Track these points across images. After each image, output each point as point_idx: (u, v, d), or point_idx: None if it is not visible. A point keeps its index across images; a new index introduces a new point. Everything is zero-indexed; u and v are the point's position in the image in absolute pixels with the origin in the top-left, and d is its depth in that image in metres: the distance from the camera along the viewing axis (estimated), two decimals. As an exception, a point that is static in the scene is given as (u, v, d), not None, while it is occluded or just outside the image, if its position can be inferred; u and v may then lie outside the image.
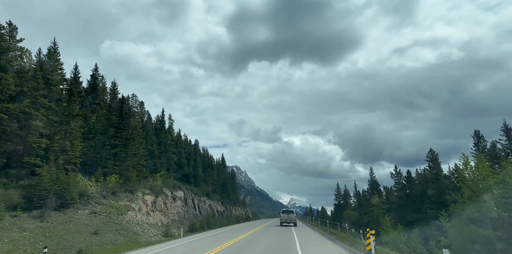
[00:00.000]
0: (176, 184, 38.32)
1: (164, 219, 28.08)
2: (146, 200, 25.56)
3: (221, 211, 56.69)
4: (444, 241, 18.81)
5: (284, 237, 17.50)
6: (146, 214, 23.57)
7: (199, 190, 47.76)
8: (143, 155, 28.02)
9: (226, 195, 67.96)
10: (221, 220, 46.01)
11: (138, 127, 28.78)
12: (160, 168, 35.87)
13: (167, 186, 35.44)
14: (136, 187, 24.33)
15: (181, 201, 37.23)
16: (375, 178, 54.02)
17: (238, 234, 22.00)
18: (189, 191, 42.92)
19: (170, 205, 32.15)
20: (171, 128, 46.78)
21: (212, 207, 51.09)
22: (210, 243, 15.81)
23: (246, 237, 18.04)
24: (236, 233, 23.32)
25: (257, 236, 17.70)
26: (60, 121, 18.42)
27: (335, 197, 71.83)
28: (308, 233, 20.21)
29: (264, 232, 21.74)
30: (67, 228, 14.96)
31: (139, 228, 19.87)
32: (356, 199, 68.63)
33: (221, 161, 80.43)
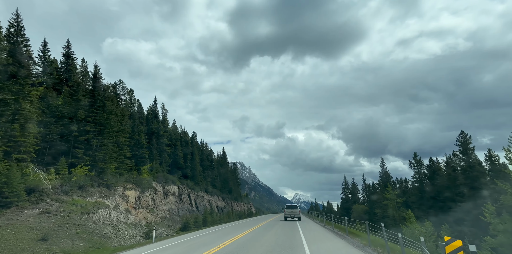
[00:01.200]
0: (169, 178, 34.68)
1: (152, 217, 24.46)
2: (127, 195, 21.87)
3: (222, 207, 53.22)
4: (491, 242, 14.85)
5: (290, 235, 13.72)
6: (126, 212, 19.88)
7: (197, 185, 44.19)
8: (125, 145, 24.27)
9: (227, 190, 64.49)
10: (221, 216, 42.52)
11: (117, 112, 24.96)
12: (149, 160, 32.19)
13: (159, 180, 31.81)
14: (114, 181, 20.61)
15: (174, 196, 33.62)
16: (386, 170, 49.93)
17: (234, 233, 18.38)
18: (185, 186, 39.33)
19: (160, 201, 28.52)
20: (165, 119, 43.01)
21: (211, 203, 47.59)
22: (194, 247, 12.06)
23: (242, 238, 14.30)
24: (233, 231, 19.78)
25: (255, 238, 13.95)
26: (5, 100, 14.62)
27: (342, 191, 67.98)
28: (321, 234, 16.36)
29: (263, 232, 17.97)
30: (0, 234, 11.24)
31: (111, 229, 16.16)
32: (364, 193, 64.78)
33: (222, 155, 76.83)
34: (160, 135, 38.23)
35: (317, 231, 17.93)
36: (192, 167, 45.57)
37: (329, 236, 15.26)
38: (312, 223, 29.32)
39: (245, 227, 24.39)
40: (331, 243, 12.70)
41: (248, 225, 27.73)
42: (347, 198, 67.18)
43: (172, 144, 41.92)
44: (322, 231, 17.93)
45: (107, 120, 20.81)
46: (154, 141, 36.68)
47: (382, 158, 50.25)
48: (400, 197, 40.33)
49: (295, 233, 16.08)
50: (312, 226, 23.34)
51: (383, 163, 50.37)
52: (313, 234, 15.75)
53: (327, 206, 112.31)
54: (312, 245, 11.25)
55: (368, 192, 56.76)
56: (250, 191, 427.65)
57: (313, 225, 23.60)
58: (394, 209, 38.71)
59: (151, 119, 39.33)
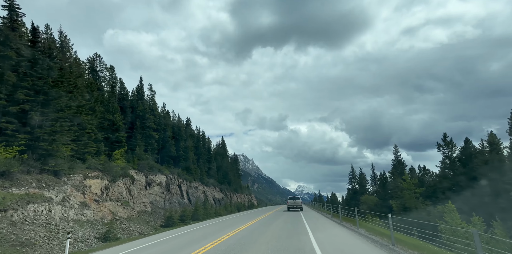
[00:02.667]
0: (154, 166, 29.92)
1: (125, 211, 19.75)
2: (88, 185, 17.08)
3: (219, 199, 48.79)
4: None
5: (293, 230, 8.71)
6: (80, 207, 15.11)
7: (190, 174, 39.54)
8: (88, 123, 19.32)
9: (226, 181, 60.02)
10: (217, 209, 38.05)
11: (77, 82, 19.89)
12: (129, 146, 27.39)
13: (141, 168, 27.07)
14: (66, 167, 15.76)
15: (160, 187, 28.95)
16: (400, 158, 44.75)
17: (224, 230, 13.74)
18: (175, 176, 34.66)
19: (139, 192, 23.81)
20: (153, 101, 37.94)
21: (207, 194, 43.09)
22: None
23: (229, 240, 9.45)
24: (225, 228, 15.37)
25: (245, 240, 9.10)
26: None
27: (349, 181, 63.17)
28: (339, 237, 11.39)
29: (260, 229, 13.11)
30: None
31: (43, 232, 11.38)
32: (373, 183, 59.91)
33: (221, 145, 72.10)
34: (146, 118, 33.29)
35: (334, 232, 13.00)
36: (185, 156, 40.82)
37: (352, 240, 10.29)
38: (320, 216, 24.81)
39: (240, 222, 19.68)
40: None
41: (244, 219, 23.10)
42: (354, 188, 62.42)
43: (161, 130, 37.05)
44: (340, 232, 12.96)
45: (56, 86, 15.76)
46: (138, 125, 31.79)
47: (396, 144, 45.00)
48: (419, 187, 35.34)
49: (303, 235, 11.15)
50: (321, 221, 18.75)
51: (396, 150, 45.14)
52: (328, 237, 10.82)
53: (331, 197, 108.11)
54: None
55: (379, 182, 51.81)
56: (253, 183, 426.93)
57: (323, 220, 18.94)
58: (411, 200, 33.78)
59: (136, 101, 34.32)
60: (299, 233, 11.82)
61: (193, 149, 45.81)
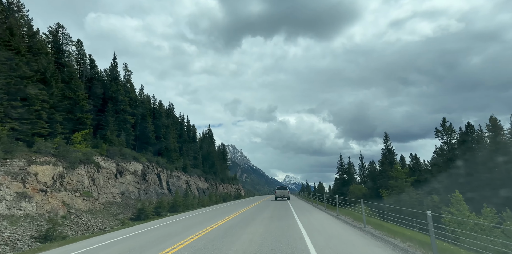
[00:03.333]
0: (128, 153, 26.74)
1: (85, 203, 16.76)
2: (34, 173, 13.92)
3: (204, 189, 46.27)
4: None
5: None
6: (17, 198, 12.05)
7: (172, 163, 36.55)
8: (37, 99, 15.90)
9: (213, 171, 57.41)
10: (201, 199, 35.55)
11: (7, 37, 16.24)
12: (96, 128, 24.07)
13: (111, 155, 23.87)
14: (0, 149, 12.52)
15: (135, 176, 25.92)
16: (390, 146, 43.32)
17: (199, 226, 11.30)
18: (154, 164, 31.63)
19: (106, 181, 20.74)
20: (129, 82, 34.13)
21: (190, 184, 40.39)
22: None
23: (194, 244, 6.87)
24: (203, 221, 12.94)
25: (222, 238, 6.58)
26: None
27: (337, 171, 62.00)
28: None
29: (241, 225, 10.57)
30: None
31: None
32: (361, 173, 58.95)
33: (208, 134, 68.99)
34: (120, 100, 29.71)
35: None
36: (166, 143, 37.67)
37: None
38: (306, 205, 23.38)
39: (222, 214, 17.22)
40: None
41: (229, 210, 20.72)
42: (342, 178, 61.39)
43: (139, 114, 33.56)
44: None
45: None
46: (110, 107, 28.25)
47: (386, 132, 43.42)
48: (410, 176, 33.92)
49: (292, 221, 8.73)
50: (306, 208, 19.29)
51: (386, 138, 43.60)
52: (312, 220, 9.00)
53: (318, 187, 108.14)
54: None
55: (367, 171, 50.60)
56: (241, 174, 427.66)
57: (308, 208, 19.46)
58: (402, 188, 32.34)
59: (109, 81, 30.56)
60: (289, 232, 9.39)
61: (175, 137, 42.64)
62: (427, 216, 6.00)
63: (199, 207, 30.95)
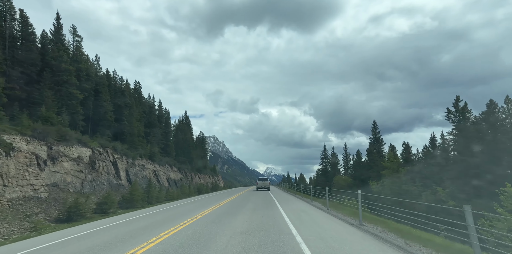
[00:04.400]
0: (70, 134, 20.87)
1: (-27, 200, 11.22)
2: None
3: (176, 180, 41.03)
4: None
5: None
6: None
7: (134, 149, 30.81)
8: None
9: (188, 160, 52.04)
10: (170, 192, 30.49)
11: None
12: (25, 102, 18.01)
13: (41, 135, 17.99)
14: None
15: (77, 163, 20.22)
16: (378, 135, 40.21)
17: (145, 235, 6.20)
18: (109, 150, 25.91)
19: (24, 169, 14.99)
20: (79, 50, 27.49)
21: (158, 174, 35.01)
22: None
23: None
24: (153, 227, 8.25)
25: None
26: None
27: (320, 162, 58.90)
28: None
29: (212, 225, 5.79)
30: None
31: None
32: (345, 164, 56.21)
33: (184, 120, 63.00)
34: (63, 70, 23.40)
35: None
36: (129, 127, 31.75)
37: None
38: (287, 195, 19.69)
39: (191, 211, 12.44)
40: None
41: (201, 205, 16.05)
42: (325, 169, 58.48)
43: (92, 90, 27.33)
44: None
45: None
46: (46, 77, 21.94)
47: (375, 120, 40.16)
48: (403, 167, 30.80)
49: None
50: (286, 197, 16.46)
51: (375, 126, 40.39)
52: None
53: (299, 178, 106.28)
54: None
55: (353, 162, 47.60)
56: (223, 165, 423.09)
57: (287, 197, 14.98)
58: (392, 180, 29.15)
59: (48, 44, 23.99)
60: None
61: (143, 120, 36.71)
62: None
63: (165, 201, 26.00)
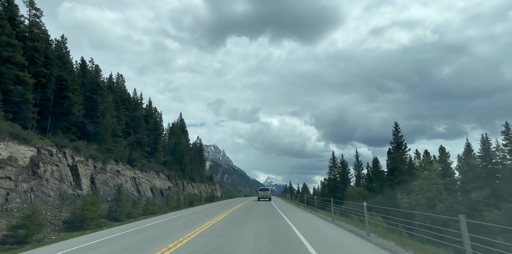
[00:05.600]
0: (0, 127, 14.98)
1: None
2: None
3: (163, 189, 34.66)
4: None
5: None
6: None
7: (108, 152, 24.69)
8: None
9: (180, 166, 45.77)
10: (150, 204, 24.30)
11: None
12: None
13: None
14: None
15: (1, 167, 14.24)
16: (401, 139, 34.03)
17: None
18: (68, 150, 19.92)
19: None
20: (37, 27, 21.94)
21: (139, 182, 28.76)
22: None
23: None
24: None
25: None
26: None
27: (328, 170, 52.36)
28: None
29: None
30: None
31: None
32: (357, 173, 49.71)
33: (179, 123, 57.21)
34: (3, 44, 17.78)
35: None
36: (103, 123, 25.80)
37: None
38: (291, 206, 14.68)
39: (159, 240, 6.31)
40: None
41: (180, 227, 10.04)
42: (334, 179, 51.87)
43: (53, 76, 21.68)
44: None
45: None
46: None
47: (396, 122, 34.10)
48: (440, 177, 24.44)
49: None
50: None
51: (397, 129, 34.28)
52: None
53: (303, 188, 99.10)
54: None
55: (374, 170, 41.11)
56: (223, 174, 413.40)
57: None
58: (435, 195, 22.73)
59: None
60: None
61: (124, 118, 30.85)
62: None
63: (142, 217, 19.95)
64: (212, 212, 18.64)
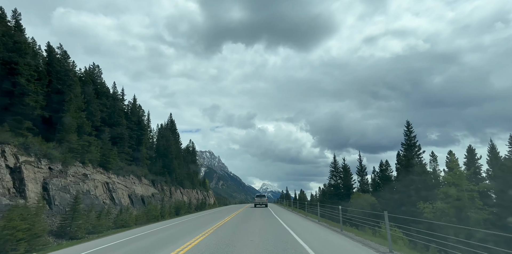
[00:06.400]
0: None
1: None
2: None
3: (146, 196, 29.97)
4: None
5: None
6: None
7: (71, 152, 20.15)
8: None
9: (167, 171, 41.13)
10: (121, 216, 19.83)
11: None
12: None
13: None
14: None
15: None
16: (414, 140, 30.22)
17: None
18: (7, 148, 15.49)
19: None
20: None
21: (114, 188, 24.16)
22: None
23: None
24: None
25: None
26: None
27: (330, 175, 48.17)
28: None
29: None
30: None
31: None
32: (360, 178, 45.69)
33: (169, 123, 52.80)
34: None
35: None
36: (66, 116, 21.34)
37: None
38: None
39: None
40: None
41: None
42: (335, 184, 47.67)
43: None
44: None
45: None
46: None
47: (408, 121, 30.35)
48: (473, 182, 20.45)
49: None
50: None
51: (409, 129, 30.51)
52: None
53: (300, 195, 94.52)
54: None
55: (382, 175, 37.10)
56: (218, 180, 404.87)
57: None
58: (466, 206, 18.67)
59: None
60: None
61: (97, 113, 26.44)
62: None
63: (108, 232, 15.56)
64: (202, 224, 14.38)
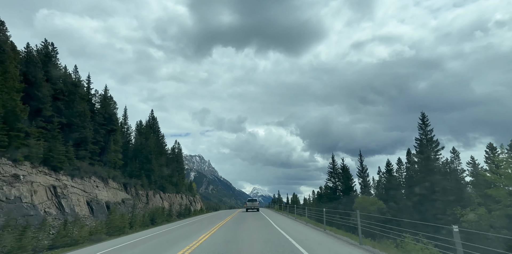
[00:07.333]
0: None
1: None
2: None
3: (115, 202, 24.31)
4: None
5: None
6: None
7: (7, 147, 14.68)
8: None
9: (147, 173, 35.46)
10: (68, 230, 14.14)
11: None
12: None
13: None
14: None
15: None
16: (431, 135, 26.09)
17: None
18: None
19: None
20: None
21: (66, 193, 18.58)
22: None
23: None
24: None
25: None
26: None
27: (328, 177, 43.66)
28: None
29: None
30: None
31: None
32: (362, 180, 41.44)
33: (151, 121, 47.16)
34: None
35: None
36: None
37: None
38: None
39: None
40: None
41: None
42: (334, 187, 43.17)
43: None
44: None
45: None
46: None
47: (423, 112, 26.31)
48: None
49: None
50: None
51: (425, 123, 26.46)
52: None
53: (292, 198, 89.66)
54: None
55: (388, 177, 32.77)
56: (208, 185, 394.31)
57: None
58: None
59: None
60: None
61: (46, 99, 20.90)
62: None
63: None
64: (177, 238, 9.25)
